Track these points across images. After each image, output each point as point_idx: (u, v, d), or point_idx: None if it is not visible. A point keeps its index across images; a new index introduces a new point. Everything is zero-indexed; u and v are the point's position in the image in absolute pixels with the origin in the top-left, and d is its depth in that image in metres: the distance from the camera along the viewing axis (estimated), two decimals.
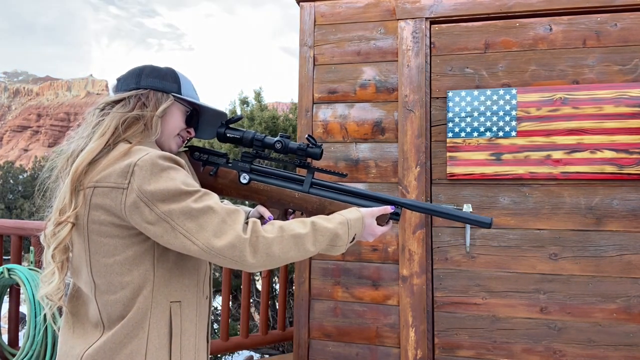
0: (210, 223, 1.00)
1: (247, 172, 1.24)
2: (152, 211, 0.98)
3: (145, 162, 1.00)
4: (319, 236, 1.09)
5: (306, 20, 2.64)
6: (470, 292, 2.34)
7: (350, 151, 2.53)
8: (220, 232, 1.00)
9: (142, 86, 1.15)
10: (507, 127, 2.32)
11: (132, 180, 0.99)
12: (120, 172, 1.00)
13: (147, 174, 0.99)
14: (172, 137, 1.21)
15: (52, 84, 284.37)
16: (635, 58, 2.23)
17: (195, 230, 0.99)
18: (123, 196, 0.99)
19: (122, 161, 1.02)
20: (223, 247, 0.99)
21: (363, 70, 2.55)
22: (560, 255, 2.26)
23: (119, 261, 1.03)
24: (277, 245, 1.04)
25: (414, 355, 2.35)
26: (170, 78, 1.19)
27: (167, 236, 1.00)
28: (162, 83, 1.17)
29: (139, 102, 1.13)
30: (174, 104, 1.18)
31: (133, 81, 1.16)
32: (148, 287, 1.04)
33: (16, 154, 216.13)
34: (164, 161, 1.03)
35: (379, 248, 2.45)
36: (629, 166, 2.18)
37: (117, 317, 1.03)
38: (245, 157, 1.26)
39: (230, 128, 1.26)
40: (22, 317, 3.57)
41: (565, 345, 2.22)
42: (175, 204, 0.99)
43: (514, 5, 2.35)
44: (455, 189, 2.39)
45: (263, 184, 1.23)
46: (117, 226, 1.02)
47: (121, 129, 1.09)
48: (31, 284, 2.70)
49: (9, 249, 3.09)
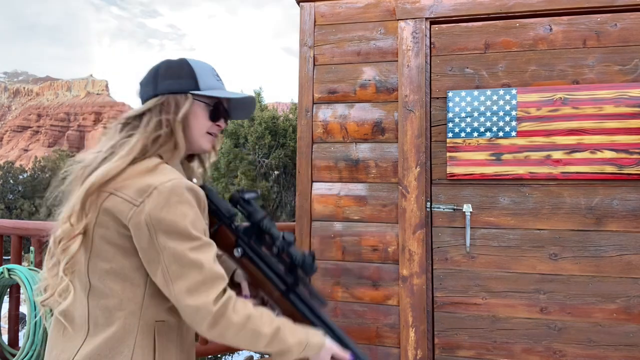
0: (191, 278, 0.99)
1: (243, 247, 1.19)
2: (151, 238, 0.98)
3: (165, 189, 1.00)
4: (275, 343, 1.05)
5: (306, 20, 2.64)
6: (470, 292, 2.34)
7: (350, 151, 2.53)
8: (194, 291, 0.98)
9: (160, 91, 1.13)
10: (507, 127, 2.32)
11: (146, 201, 0.99)
12: (138, 189, 1.00)
13: (163, 201, 0.99)
14: (201, 137, 1.19)
15: (52, 84, 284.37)
16: (635, 58, 2.23)
17: (175, 276, 0.98)
18: (132, 212, 0.99)
19: (144, 178, 1.02)
20: (188, 306, 0.98)
21: (363, 71, 2.55)
22: (560, 255, 2.26)
23: (115, 269, 1.03)
24: (234, 332, 1.01)
25: (414, 355, 2.35)
26: (185, 74, 1.14)
27: (151, 265, 1.00)
28: (178, 83, 1.13)
29: (161, 112, 1.11)
30: (193, 103, 1.15)
31: (151, 87, 1.14)
32: (137, 301, 1.03)
33: (16, 154, 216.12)
34: (183, 194, 1.02)
35: (379, 248, 2.45)
36: (629, 166, 2.18)
37: (102, 324, 1.02)
38: (248, 232, 1.20)
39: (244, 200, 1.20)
40: (22, 317, 3.57)
41: (565, 345, 2.22)
42: (173, 242, 0.99)
43: (514, 6, 2.35)
44: (455, 189, 2.39)
45: (252, 265, 1.19)
46: (121, 235, 1.02)
47: (149, 147, 1.09)
48: (31, 284, 2.70)
49: (9, 249, 3.10)
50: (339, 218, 2.52)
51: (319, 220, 2.55)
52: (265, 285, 1.18)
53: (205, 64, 1.20)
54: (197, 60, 1.19)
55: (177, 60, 1.17)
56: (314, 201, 2.56)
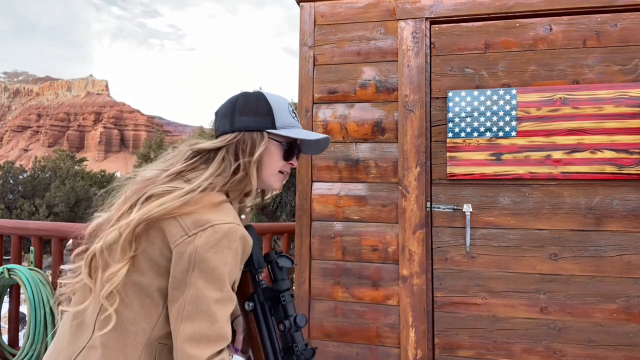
0: (199, 326, 0.98)
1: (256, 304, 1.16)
2: (187, 270, 0.98)
3: (221, 230, 0.99)
4: None
5: (306, 20, 2.64)
6: (470, 292, 2.34)
7: (350, 151, 2.53)
8: (196, 341, 0.97)
9: (237, 128, 1.12)
10: (507, 127, 2.32)
11: (199, 234, 0.98)
12: (195, 221, 1.00)
13: (213, 241, 0.99)
14: (273, 176, 1.18)
15: (52, 84, 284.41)
16: (635, 58, 2.23)
17: (187, 316, 0.98)
18: (182, 240, 0.99)
19: (206, 212, 1.01)
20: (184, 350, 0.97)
21: (363, 70, 2.55)
22: (560, 255, 2.26)
23: (143, 283, 1.02)
24: None
25: (414, 355, 2.35)
26: (263, 110, 1.13)
27: (174, 294, 0.99)
28: (255, 120, 1.12)
29: (237, 150, 1.11)
30: (269, 142, 1.14)
31: (227, 121, 1.13)
32: (151, 321, 1.03)
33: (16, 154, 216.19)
34: (235, 241, 1.01)
35: (379, 248, 2.45)
36: (629, 166, 2.18)
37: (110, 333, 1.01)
38: (267, 293, 1.18)
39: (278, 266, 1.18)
40: (22, 317, 3.58)
41: (565, 345, 2.22)
42: (203, 284, 0.98)
43: (514, 5, 2.35)
44: (455, 189, 2.39)
45: (256, 324, 1.16)
46: (162, 254, 1.01)
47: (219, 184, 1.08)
48: (31, 284, 2.70)
49: (9, 249, 3.10)
50: (339, 218, 2.52)
51: (319, 220, 2.55)
52: (257, 351, 1.16)
53: (282, 99, 1.19)
54: (274, 96, 1.18)
55: (254, 94, 1.16)
56: (314, 201, 2.56)
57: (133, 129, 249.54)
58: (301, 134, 1.17)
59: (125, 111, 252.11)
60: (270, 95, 1.17)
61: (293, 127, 1.17)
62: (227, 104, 1.16)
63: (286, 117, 1.16)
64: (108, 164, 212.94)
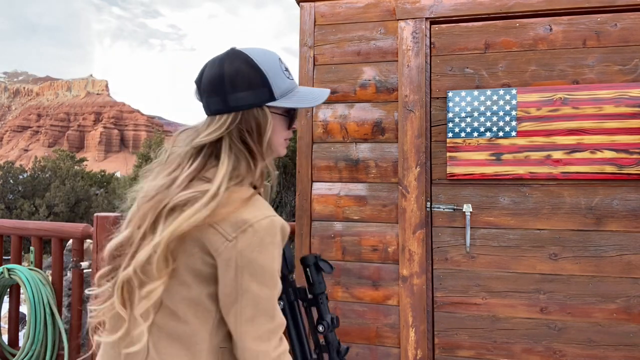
0: (261, 325, 0.96)
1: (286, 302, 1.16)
2: (236, 276, 0.94)
3: (261, 227, 0.96)
4: None
5: (306, 20, 2.64)
6: (470, 292, 2.34)
7: (350, 151, 2.53)
8: (260, 338, 0.96)
9: (233, 107, 1.01)
10: (507, 127, 2.32)
11: (239, 237, 0.94)
12: (233, 224, 0.95)
13: (257, 241, 0.95)
14: (280, 146, 1.11)
15: (52, 84, 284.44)
16: (635, 58, 2.23)
17: (247, 319, 0.95)
18: (224, 246, 0.95)
19: (239, 211, 0.96)
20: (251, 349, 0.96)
21: (363, 70, 2.55)
22: (560, 255, 2.26)
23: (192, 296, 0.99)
24: None
25: (414, 355, 2.35)
26: (257, 81, 1.01)
27: (227, 299, 0.96)
28: (251, 95, 1.01)
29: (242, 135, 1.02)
30: (272, 117, 1.04)
31: (219, 99, 1.01)
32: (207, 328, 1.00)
33: (16, 154, 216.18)
34: (277, 235, 0.98)
35: (379, 248, 2.45)
36: (629, 166, 2.18)
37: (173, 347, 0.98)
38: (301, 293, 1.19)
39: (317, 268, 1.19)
40: (22, 317, 3.58)
41: (565, 345, 2.22)
42: (256, 286, 0.95)
43: (514, 6, 2.35)
44: (455, 189, 2.39)
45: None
46: (205, 263, 0.97)
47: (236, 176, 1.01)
48: (31, 284, 2.70)
49: (9, 249, 3.10)
50: (339, 218, 2.52)
51: (319, 220, 2.55)
52: None
53: (272, 59, 1.06)
54: (263, 54, 1.05)
55: (242, 60, 1.02)
56: (314, 201, 2.56)
57: (133, 129, 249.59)
58: (302, 99, 1.07)
59: (125, 111, 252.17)
60: (259, 58, 1.03)
61: (291, 90, 1.07)
62: (213, 77, 1.02)
63: (282, 82, 1.05)
64: (108, 164, 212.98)
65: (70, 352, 2.74)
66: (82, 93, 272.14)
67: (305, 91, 1.10)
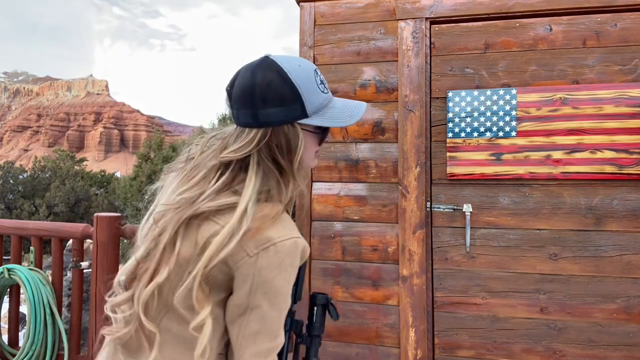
0: (263, 342, 0.94)
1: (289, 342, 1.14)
2: (250, 292, 0.93)
3: (284, 249, 0.93)
4: None
5: (306, 20, 2.64)
6: (470, 292, 2.34)
7: (350, 151, 2.53)
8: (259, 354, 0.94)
9: (263, 123, 0.96)
10: (507, 127, 2.32)
11: (260, 254, 0.92)
12: (257, 241, 0.92)
13: (277, 262, 0.92)
14: (310, 161, 1.08)
15: (52, 84, 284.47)
16: (635, 58, 2.23)
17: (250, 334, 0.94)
18: (243, 261, 0.92)
19: (267, 229, 0.93)
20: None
21: (363, 70, 2.55)
22: (560, 255, 2.26)
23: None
24: None
25: (414, 355, 2.35)
26: (289, 97, 0.95)
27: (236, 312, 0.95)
28: (283, 112, 0.95)
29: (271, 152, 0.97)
30: (304, 134, 0.99)
31: (249, 113, 0.96)
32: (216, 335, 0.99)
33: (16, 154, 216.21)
34: (297, 257, 0.96)
35: (379, 248, 2.45)
36: (629, 166, 2.18)
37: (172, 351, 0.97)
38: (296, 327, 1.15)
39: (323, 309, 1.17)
40: (22, 317, 3.58)
41: (565, 345, 2.22)
42: (267, 305, 0.93)
43: (514, 6, 2.35)
44: (455, 189, 2.39)
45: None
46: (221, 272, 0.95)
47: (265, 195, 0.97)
48: (31, 284, 2.70)
49: (9, 249, 3.10)
50: (339, 218, 2.52)
51: (319, 220, 2.55)
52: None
53: (307, 70, 1.00)
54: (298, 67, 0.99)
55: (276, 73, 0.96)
56: (314, 201, 2.56)
57: (133, 129, 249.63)
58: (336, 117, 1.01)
59: (125, 111, 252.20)
60: (293, 70, 0.97)
61: (325, 105, 1.01)
62: (245, 88, 0.97)
63: (316, 97, 0.98)
64: (108, 164, 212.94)
65: (70, 352, 2.74)
66: (82, 93, 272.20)
67: (340, 106, 1.04)
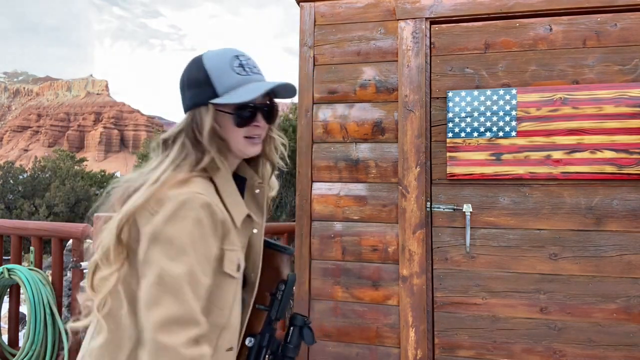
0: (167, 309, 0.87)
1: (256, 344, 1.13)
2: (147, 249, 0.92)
3: (179, 200, 0.94)
4: None
5: (306, 20, 2.64)
6: (470, 292, 2.34)
7: (350, 151, 2.53)
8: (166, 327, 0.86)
9: (187, 107, 1.06)
10: (507, 127, 2.32)
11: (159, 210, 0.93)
12: (157, 200, 0.95)
13: (170, 212, 0.92)
14: (239, 145, 1.07)
15: (52, 84, 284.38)
16: (635, 58, 2.23)
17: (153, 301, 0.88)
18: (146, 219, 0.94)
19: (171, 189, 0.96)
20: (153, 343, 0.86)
21: (363, 71, 2.55)
22: (560, 255, 2.26)
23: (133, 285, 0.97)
24: None
25: (414, 355, 2.35)
26: (202, 80, 1.04)
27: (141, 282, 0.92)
28: (197, 93, 1.04)
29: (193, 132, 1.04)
30: (217, 114, 1.04)
31: (182, 102, 1.08)
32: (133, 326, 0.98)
33: (16, 154, 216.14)
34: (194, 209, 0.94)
35: (379, 248, 2.45)
36: (629, 166, 2.18)
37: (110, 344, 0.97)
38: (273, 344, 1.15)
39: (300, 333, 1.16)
40: (22, 317, 3.58)
41: (565, 345, 2.22)
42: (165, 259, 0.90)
43: (514, 6, 2.35)
44: (455, 189, 2.39)
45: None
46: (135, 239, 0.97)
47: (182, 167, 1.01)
48: (31, 284, 2.70)
49: (9, 249, 3.10)
50: (339, 218, 2.52)
51: (319, 220, 2.55)
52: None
53: (224, 55, 1.06)
54: (215, 54, 1.07)
55: (194, 62, 1.07)
56: (314, 201, 2.56)
57: (133, 129, 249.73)
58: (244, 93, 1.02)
59: (125, 111, 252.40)
60: (209, 58, 1.05)
61: (239, 85, 1.03)
62: (180, 79, 1.10)
63: (228, 79, 1.03)
64: (108, 164, 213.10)
65: (70, 352, 2.74)
66: (82, 93, 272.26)
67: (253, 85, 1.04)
